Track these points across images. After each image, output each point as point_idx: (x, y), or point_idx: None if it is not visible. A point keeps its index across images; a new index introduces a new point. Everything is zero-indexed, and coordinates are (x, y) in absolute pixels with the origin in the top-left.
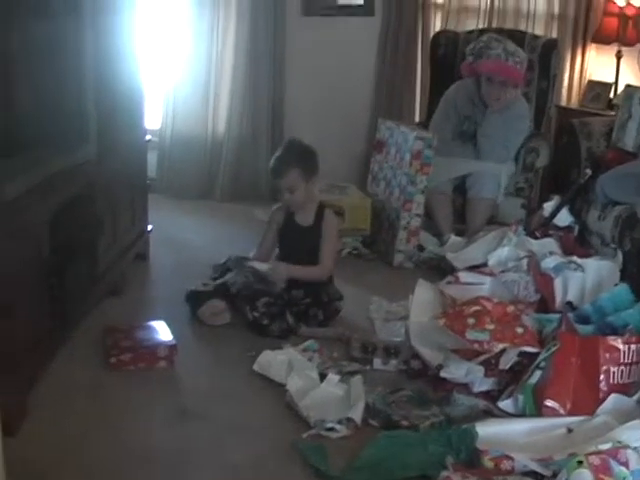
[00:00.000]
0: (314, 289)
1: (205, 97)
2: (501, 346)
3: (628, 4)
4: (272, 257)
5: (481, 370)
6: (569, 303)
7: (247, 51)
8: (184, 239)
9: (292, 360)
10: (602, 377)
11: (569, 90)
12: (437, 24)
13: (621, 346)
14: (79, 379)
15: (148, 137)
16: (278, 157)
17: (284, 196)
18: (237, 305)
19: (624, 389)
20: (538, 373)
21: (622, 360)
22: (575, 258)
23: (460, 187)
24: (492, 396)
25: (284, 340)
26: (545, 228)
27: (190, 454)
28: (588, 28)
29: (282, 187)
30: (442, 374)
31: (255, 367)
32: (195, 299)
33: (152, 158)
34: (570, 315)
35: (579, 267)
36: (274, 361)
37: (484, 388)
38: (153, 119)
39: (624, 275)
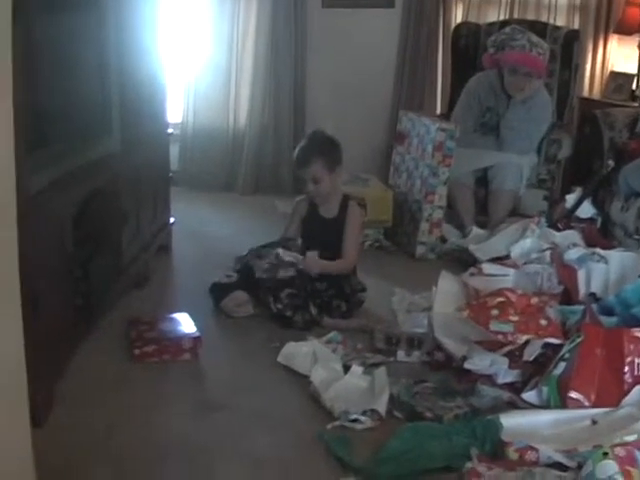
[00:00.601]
0: (337, 281)
1: (226, 89)
2: (525, 338)
3: None
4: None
5: (505, 361)
6: (592, 295)
7: (268, 43)
8: (206, 231)
9: (316, 351)
10: (627, 369)
11: (591, 81)
12: (458, 16)
13: None
14: (104, 371)
15: (170, 130)
16: (302, 147)
17: (308, 187)
18: (260, 297)
19: None
20: (562, 365)
21: None
22: (598, 250)
23: (482, 179)
24: (516, 387)
25: (307, 332)
26: (568, 220)
27: (214, 446)
28: (610, 19)
29: (306, 177)
30: (466, 365)
31: (279, 359)
32: (218, 291)
33: (174, 151)
34: (594, 307)
35: (602, 259)
36: (298, 353)
37: (508, 379)
38: (175, 112)
39: None
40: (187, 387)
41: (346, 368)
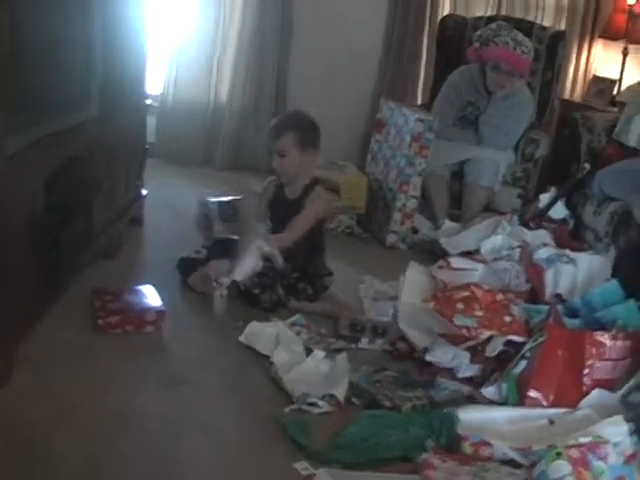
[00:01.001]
0: (302, 264)
1: (209, 64)
2: (488, 333)
3: (638, 2)
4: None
5: (467, 356)
6: (559, 295)
7: (254, 22)
8: (180, 205)
9: (279, 333)
10: (587, 371)
11: (573, 84)
12: (446, 7)
13: (607, 342)
14: (67, 339)
15: (149, 101)
16: (279, 119)
17: (274, 160)
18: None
19: (608, 384)
20: (523, 363)
21: (608, 355)
22: (568, 251)
23: (458, 172)
24: (476, 382)
25: (273, 313)
26: (540, 219)
27: (175, 419)
28: (597, 23)
29: (274, 150)
30: (428, 357)
31: (241, 338)
32: (186, 266)
33: (152, 123)
34: (559, 307)
35: (571, 260)
36: (261, 333)
37: (469, 374)
38: (155, 84)
39: (616, 271)
40: (150, 360)
41: (308, 351)
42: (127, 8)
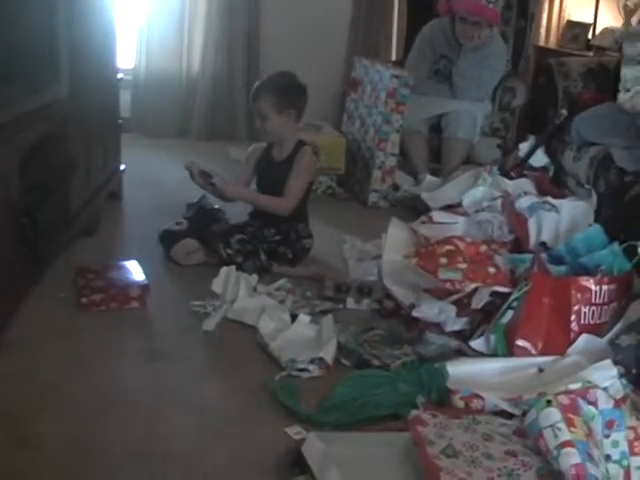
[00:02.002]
0: (284, 227)
1: (179, 34)
2: (473, 286)
3: None
4: None
5: (453, 309)
6: (543, 243)
7: None
8: (159, 178)
9: (265, 304)
10: (573, 317)
11: (547, 30)
12: None
13: (593, 286)
14: (51, 319)
15: (120, 75)
16: (259, 82)
17: (256, 123)
18: (211, 243)
19: (595, 329)
20: (510, 313)
21: (594, 300)
22: (550, 199)
23: (436, 126)
24: (464, 335)
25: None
26: (520, 168)
27: (162, 394)
28: None
29: (255, 113)
30: (414, 313)
31: (229, 315)
32: (168, 239)
33: (126, 97)
34: (543, 255)
35: (553, 207)
36: (248, 306)
37: (456, 327)
38: (126, 57)
39: (598, 216)
40: (134, 335)
41: (294, 318)
42: None
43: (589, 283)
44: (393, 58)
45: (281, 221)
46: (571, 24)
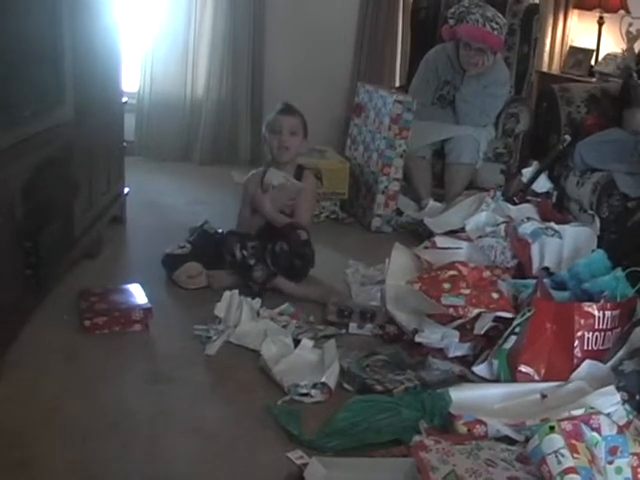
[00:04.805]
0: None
1: (184, 59)
2: (476, 311)
3: None
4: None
5: (456, 335)
6: (545, 269)
7: (227, 13)
8: (162, 202)
9: (267, 328)
10: (577, 343)
11: (550, 56)
12: None
13: (596, 312)
14: (54, 342)
15: (125, 99)
16: (285, 104)
17: (283, 137)
18: (226, 244)
19: (598, 355)
20: (513, 338)
21: (597, 326)
22: (553, 224)
23: (439, 152)
24: (467, 361)
25: (262, 295)
26: (523, 194)
27: (164, 418)
28: None
29: (284, 127)
30: (417, 339)
31: (232, 339)
32: (171, 262)
33: (130, 120)
34: (546, 281)
35: (556, 233)
36: (250, 331)
37: (459, 353)
38: (131, 81)
39: (601, 242)
40: (136, 359)
41: (297, 343)
42: (98, 8)
43: (592, 309)
44: (397, 84)
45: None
46: (574, 50)
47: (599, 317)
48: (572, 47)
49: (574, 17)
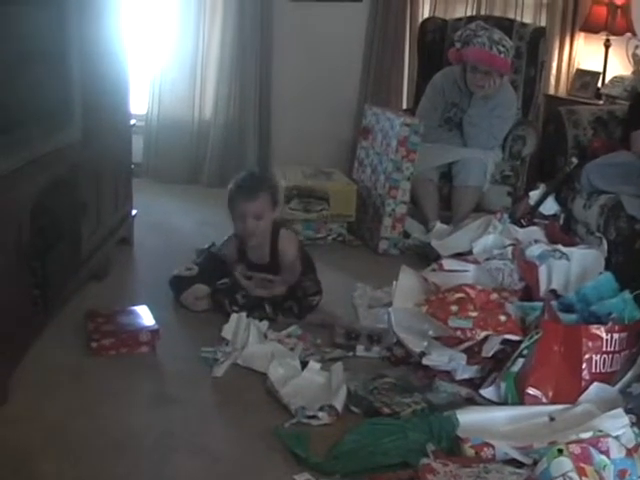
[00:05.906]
0: (291, 288)
1: (192, 81)
2: (484, 334)
3: None
4: None
5: (464, 357)
6: (553, 291)
7: (234, 36)
8: (169, 224)
9: (275, 351)
10: (584, 365)
11: (557, 78)
12: (426, 11)
13: (604, 335)
14: (60, 364)
15: (133, 121)
16: (246, 179)
17: (247, 224)
18: (216, 298)
19: (606, 378)
20: (521, 361)
21: (605, 349)
22: (560, 247)
23: (446, 174)
24: (475, 384)
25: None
26: (531, 216)
27: (170, 440)
28: (577, 16)
29: (247, 212)
30: (424, 361)
31: (239, 361)
32: (178, 284)
33: (138, 142)
34: (554, 303)
35: (564, 255)
36: (258, 353)
37: (467, 375)
38: (139, 103)
39: (609, 264)
40: (144, 380)
41: (304, 365)
42: (107, 31)
43: (600, 331)
44: (404, 106)
45: None
46: (581, 72)
47: (607, 339)
48: (579, 70)
49: (580, 40)
